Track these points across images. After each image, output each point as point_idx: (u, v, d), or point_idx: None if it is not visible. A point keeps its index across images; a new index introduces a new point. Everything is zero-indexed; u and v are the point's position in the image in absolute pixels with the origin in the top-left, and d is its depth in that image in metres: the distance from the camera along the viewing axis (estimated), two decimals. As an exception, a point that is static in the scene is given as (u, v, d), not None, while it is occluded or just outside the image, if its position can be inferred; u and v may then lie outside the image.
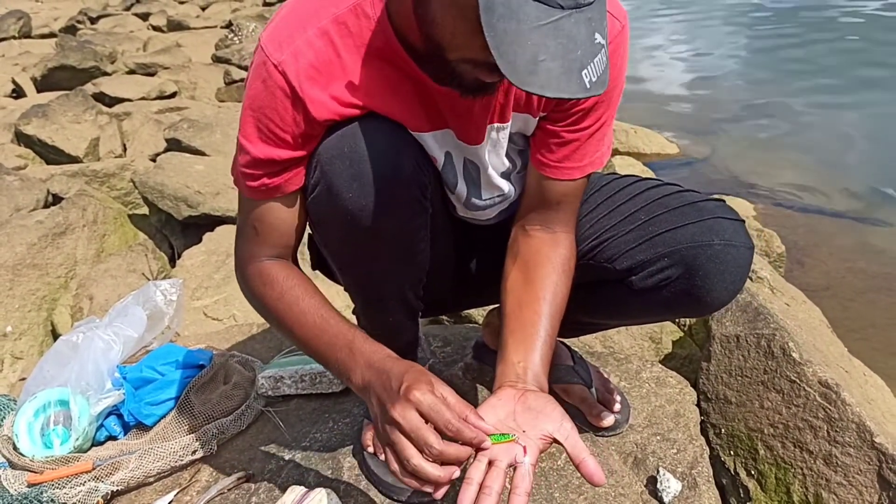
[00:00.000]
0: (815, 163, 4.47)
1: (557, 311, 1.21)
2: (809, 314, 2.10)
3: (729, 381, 1.76)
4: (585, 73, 0.84)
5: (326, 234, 1.19)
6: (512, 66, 0.83)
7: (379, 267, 1.21)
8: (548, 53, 0.83)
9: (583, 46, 0.84)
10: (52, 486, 1.45)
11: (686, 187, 1.28)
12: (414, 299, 1.31)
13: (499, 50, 0.83)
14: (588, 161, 1.21)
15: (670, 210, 1.22)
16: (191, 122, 4.08)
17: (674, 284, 1.20)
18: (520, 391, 1.06)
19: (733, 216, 1.20)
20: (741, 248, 1.18)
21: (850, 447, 1.56)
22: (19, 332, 2.62)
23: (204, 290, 2.66)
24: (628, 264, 1.25)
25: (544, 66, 0.83)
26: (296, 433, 1.54)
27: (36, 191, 3.28)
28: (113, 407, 1.64)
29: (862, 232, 3.52)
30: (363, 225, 1.09)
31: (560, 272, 1.23)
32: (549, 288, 1.21)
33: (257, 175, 1.12)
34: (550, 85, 0.83)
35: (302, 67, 1.03)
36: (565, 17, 0.83)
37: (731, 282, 1.18)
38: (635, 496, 1.37)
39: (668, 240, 1.20)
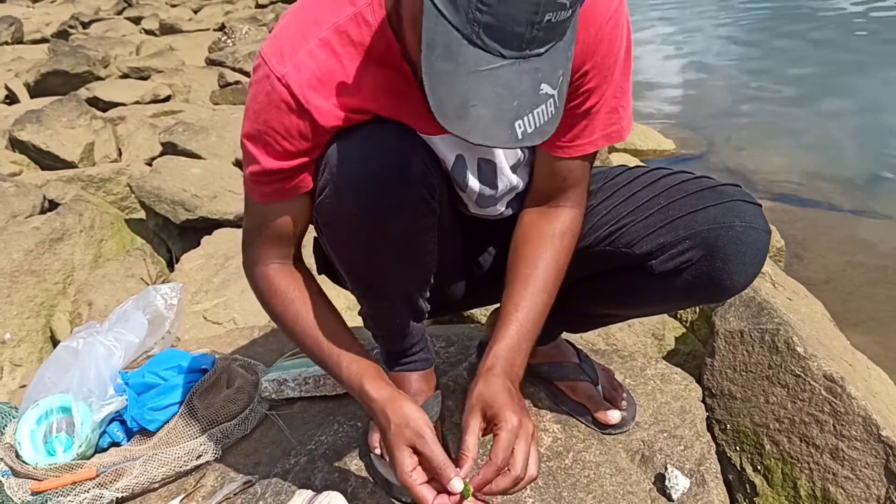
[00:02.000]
0: (810, 157, 4.48)
1: (544, 284, 1.21)
2: (811, 308, 2.10)
3: (733, 377, 1.76)
4: (519, 123, 0.84)
5: (334, 235, 1.19)
6: (441, 106, 0.84)
7: (386, 269, 1.21)
8: (480, 99, 0.83)
9: (522, 97, 0.84)
10: (57, 493, 1.44)
11: (700, 174, 1.28)
12: (421, 301, 1.31)
13: (431, 89, 0.84)
14: (599, 135, 1.20)
15: (690, 194, 1.22)
16: (186, 125, 4.07)
17: (694, 267, 1.20)
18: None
19: (752, 200, 1.21)
20: (760, 232, 1.18)
21: (857, 441, 1.55)
22: (18, 339, 2.60)
23: (203, 293, 2.65)
24: (648, 248, 1.24)
25: (474, 112, 0.83)
26: (301, 436, 1.53)
27: (32, 197, 3.26)
28: (116, 413, 1.63)
29: (860, 225, 3.53)
30: (371, 226, 1.10)
31: (553, 244, 1.23)
32: (536, 263, 1.21)
33: (266, 182, 1.14)
34: (476, 131, 0.84)
35: (305, 79, 1.03)
36: (506, 65, 0.82)
37: (751, 265, 1.18)
38: (643, 494, 1.36)
39: (690, 222, 1.20)
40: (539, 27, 0.80)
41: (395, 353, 1.42)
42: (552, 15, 0.80)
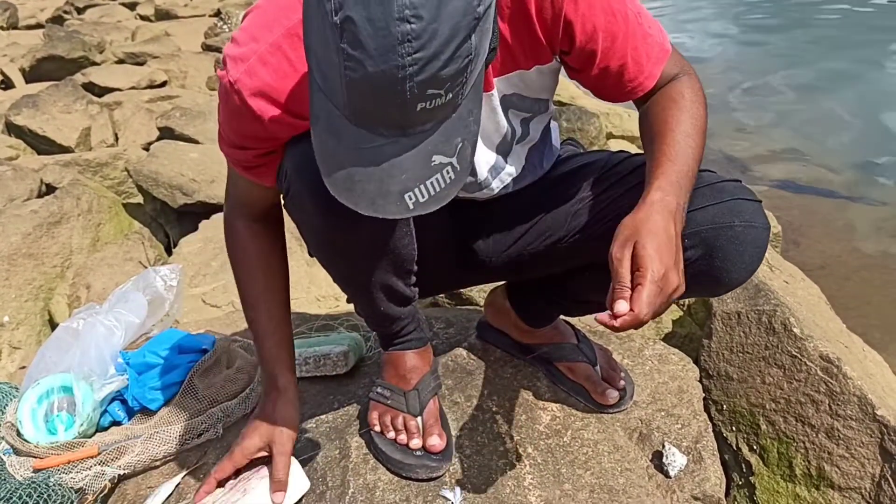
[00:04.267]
0: (807, 143, 4.49)
1: (686, 133, 1.10)
2: (808, 291, 2.11)
3: (730, 358, 1.77)
4: (410, 195, 0.85)
5: (307, 235, 1.23)
6: (329, 177, 0.86)
7: (362, 264, 1.23)
8: (364, 175, 0.84)
9: (409, 171, 0.83)
10: (59, 471, 1.44)
11: (702, 167, 1.27)
12: (404, 287, 1.31)
13: (319, 160, 0.87)
14: (649, 65, 1.15)
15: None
16: (183, 110, 4.06)
17: (693, 265, 1.19)
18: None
19: (752, 197, 1.19)
20: (760, 230, 1.17)
21: (852, 420, 1.57)
22: (16, 322, 2.61)
23: (202, 277, 2.66)
24: None
25: (360, 186, 0.84)
26: (301, 415, 1.54)
27: (29, 181, 3.26)
28: (117, 392, 1.64)
29: (856, 211, 3.55)
30: (339, 228, 1.12)
31: (681, 101, 1.15)
32: (668, 118, 1.13)
33: (235, 160, 1.19)
34: (363, 204, 0.85)
35: (256, 86, 1.03)
36: (388, 143, 0.82)
37: (750, 262, 1.18)
38: (641, 471, 1.38)
39: (689, 221, 1.18)
40: (415, 115, 0.79)
41: (388, 336, 1.42)
42: (426, 103, 0.78)
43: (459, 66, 0.78)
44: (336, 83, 0.79)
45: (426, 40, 0.74)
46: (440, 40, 0.74)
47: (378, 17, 0.73)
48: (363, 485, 1.31)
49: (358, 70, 0.76)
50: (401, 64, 0.74)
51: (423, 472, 1.31)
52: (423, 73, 0.75)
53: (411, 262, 1.28)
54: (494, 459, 1.37)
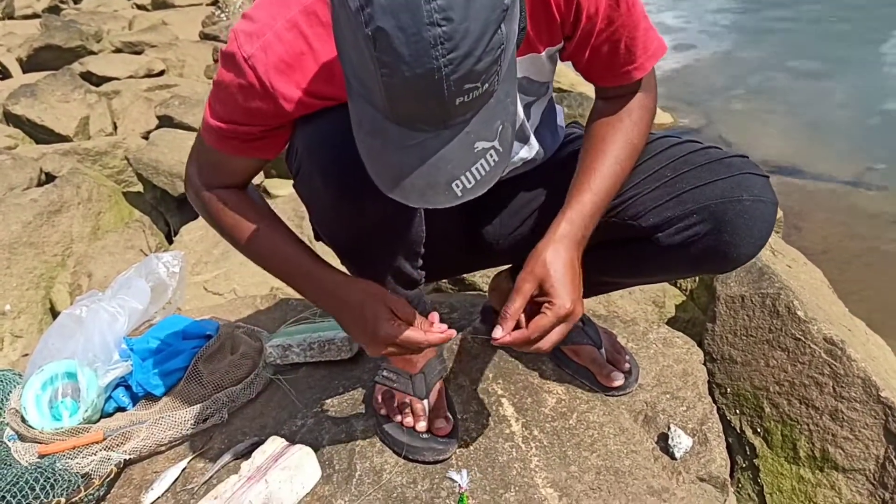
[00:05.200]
0: (808, 129, 4.48)
1: (616, 157, 1.19)
2: (811, 275, 2.11)
3: (734, 342, 1.78)
4: (457, 183, 0.86)
5: (316, 215, 1.22)
6: (378, 177, 0.88)
7: (370, 246, 1.22)
8: (411, 169, 0.85)
9: (454, 161, 0.85)
10: (64, 456, 1.44)
11: (707, 143, 1.28)
12: (411, 270, 1.31)
13: (367, 161, 0.88)
14: (655, 47, 1.19)
15: (697, 167, 1.22)
16: (182, 98, 4.05)
17: (701, 241, 1.20)
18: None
19: (759, 172, 1.20)
20: (768, 204, 1.18)
21: (856, 402, 1.57)
22: (18, 311, 2.61)
23: (203, 265, 2.66)
24: (655, 221, 1.24)
25: (408, 182, 0.86)
26: (306, 400, 1.54)
27: (28, 169, 3.25)
28: (121, 378, 1.64)
29: (857, 196, 3.55)
30: (349, 209, 1.11)
31: (623, 121, 1.22)
32: (606, 137, 1.21)
33: (223, 137, 1.13)
34: (413, 197, 0.87)
35: (272, 62, 1.02)
36: (431, 137, 0.83)
37: (759, 237, 1.18)
38: (647, 453, 1.38)
39: (697, 196, 1.19)
40: (454, 109, 0.80)
41: None
42: (464, 97, 0.79)
43: (493, 58, 0.78)
44: (374, 89, 0.80)
45: (458, 40, 0.74)
46: (472, 38, 0.75)
47: (408, 24, 0.73)
48: (370, 468, 1.31)
49: (395, 76, 0.76)
50: (436, 66, 0.75)
51: (429, 454, 1.32)
52: (458, 72, 0.76)
53: (419, 245, 1.28)
54: (500, 442, 1.37)
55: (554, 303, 1.08)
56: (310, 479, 1.29)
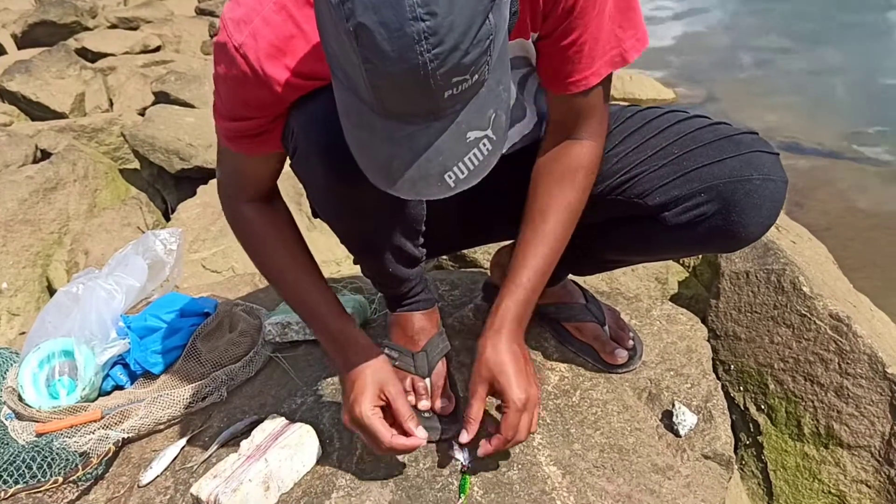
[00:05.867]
0: (810, 105, 4.45)
1: (554, 232, 1.20)
2: (815, 251, 2.09)
3: (738, 318, 1.76)
4: (449, 175, 0.84)
5: (314, 195, 1.20)
6: (369, 169, 0.87)
7: (369, 225, 1.20)
8: (402, 162, 0.83)
9: (446, 152, 0.82)
10: (62, 434, 1.43)
11: (715, 119, 1.24)
12: (412, 248, 1.29)
13: (355, 153, 0.87)
14: (600, 63, 1.12)
15: (706, 144, 1.18)
16: (178, 74, 4.01)
17: (709, 220, 1.17)
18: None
19: (770, 149, 1.17)
20: (778, 183, 1.14)
21: (862, 378, 1.56)
22: (15, 289, 2.59)
23: (201, 242, 2.63)
24: (662, 200, 1.21)
25: (399, 174, 0.84)
26: (306, 378, 1.53)
27: (24, 146, 3.22)
28: (118, 356, 1.62)
29: (860, 172, 3.52)
30: (346, 188, 1.09)
31: (565, 185, 1.20)
32: (546, 210, 1.20)
33: (233, 136, 1.12)
34: (405, 189, 0.85)
35: (262, 48, 0.99)
36: (421, 129, 0.81)
37: (767, 216, 1.16)
38: (651, 430, 1.36)
39: (705, 175, 1.16)
40: (443, 101, 0.78)
41: (395, 297, 1.40)
42: (453, 90, 0.77)
43: (482, 49, 0.76)
44: (360, 83, 0.77)
45: (444, 35, 0.71)
46: (458, 31, 0.72)
47: (391, 20, 0.71)
48: (371, 446, 1.30)
49: (379, 71, 0.74)
50: (421, 62, 0.72)
51: (432, 433, 1.30)
52: (445, 66, 0.73)
53: (420, 223, 1.25)
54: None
55: (508, 399, 1.13)
56: (310, 458, 1.27)
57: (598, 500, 1.21)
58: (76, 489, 1.36)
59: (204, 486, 1.17)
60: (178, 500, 1.28)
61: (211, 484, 1.17)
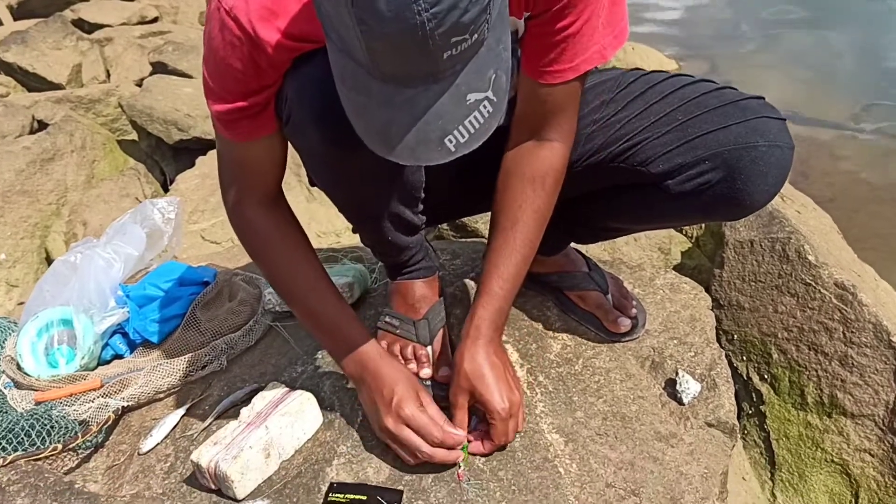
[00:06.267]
0: (814, 76, 4.41)
1: (524, 238, 1.20)
2: (820, 221, 2.07)
3: (742, 287, 1.75)
4: (450, 139, 0.82)
5: (310, 164, 1.18)
6: (366, 134, 0.84)
7: (367, 193, 1.19)
8: (401, 127, 0.81)
9: (446, 115, 0.80)
10: (62, 402, 1.42)
11: (721, 84, 1.22)
12: (412, 216, 1.27)
13: (351, 118, 0.84)
14: (582, 59, 1.09)
15: (711, 110, 1.15)
16: (176, 44, 3.96)
17: (714, 188, 1.15)
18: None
19: (776, 115, 1.14)
20: (785, 149, 1.12)
21: (867, 347, 1.55)
22: (13, 260, 2.58)
23: (200, 213, 2.62)
24: (665, 168, 1.19)
25: (398, 138, 0.82)
26: (307, 347, 1.51)
27: (20, 117, 3.19)
28: (117, 325, 1.61)
29: (864, 143, 3.49)
30: (343, 153, 1.06)
31: (534, 190, 1.18)
32: (516, 216, 1.19)
33: (233, 119, 1.08)
34: (404, 155, 0.83)
35: (253, 10, 0.96)
36: (420, 92, 0.79)
37: (773, 184, 1.14)
38: (654, 398, 1.35)
39: (710, 142, 1.14)
40: (441, 63, 0.76)
41: (396, 265, 1.39)
42: (452, 50, 0.75)
43: (481, 7, 0.73)
44: (355, 45, 0.75)
45: None
46: None
47: None
48: (372, 414, 1.29)
49: (375, 32, 0.72)
50: (419, 21, 0.70)
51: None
52: (443, 26, 0.71)
53: (419, 190, 1.24)
54: (505, 388, 1.34)
55: (491, 409, 1.14)
56: (311, 425, 1.26)
57: (601, 468, 1.20)
58: (76, 457, 1.35)
59: (204, 453, 1.17)
60: (178, 468, 1.28)
61: (211, 451, 1.17)
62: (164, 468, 1.29)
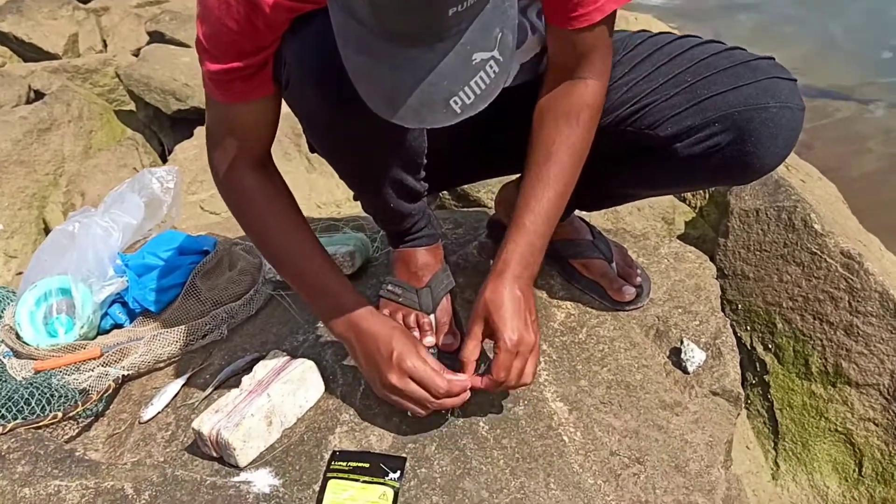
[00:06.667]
0: (817, 46, 4.36)
1: (560, 173, 1.14)
2: (825, 190, 2.06)
3: (747, 257, 1.73)
4: (455, 100, 0.80)
5: (310, 128, 1.16)
6: (368, 97, 0.82)
7: (368, 158, 1.16)
8: (404, 88, 0.79)
9: (451, 76, 0.78)
10: (61, 372, 1.41)
11: (730, 44, 1.19)
12: (414, 182, 1.24)
13: (355, 80, 0.82)
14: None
15: (720, 71, 1.13)
16: (173, 13, 3.91)
17: (723, 151, 1.13)
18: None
19: (787, 75, 1.12)
20: (795, 111, 1.10)
21: (872, 316, 1.54)
22: (11, 231, 2.56)
23: (199, 184, 2.59)
24: (673, 130, 1.16)
25: (401, 100, 0.79)
26: (308, 316, 1.50)
27: (17, 87, 3.15)
28: (116, 295, 1.59)
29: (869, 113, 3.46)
30: (343, 119, 1.04)
31: (570, 126, 1.14)
32: (552, 149, 1.14)
33: (226, 80, 1.05)
34: (409, 118, 0.81)
35: None
36: (424, 52, 0.76)
37: (783, 146, 1.12)
38: (658, 367, 1.35)
39: (719, 103, 1.11)
40: (447, 20, 0.73)
41: (398, 233, 1.37)
42: (457, 7, 0.72)
43: None
44: (357, 2, 0.74)
45: None
46: None
47: None
48: (374, 382, 1.28)
49: None
50: None
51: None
52: None
53: (421, 156, 1.21)
54: (509, 356, 1.33)
55: (501, 339, 1.08)
56: (313, 393, 1.25)
57: (606, 436, 1.19)
58: (76, 425, 1.34)
59: (206, 420, 1.16)
60: (179, 436, 1.27)
61: (213, 419, 1.16)
62: (166, 436, 1.29)
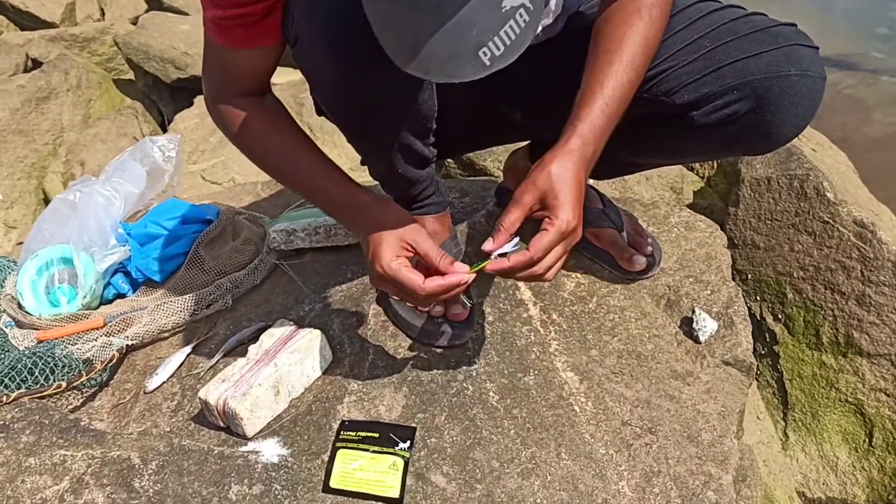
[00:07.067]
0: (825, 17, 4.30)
1: (631, 61, 1.04)
2: (836, 160, 2.03)
3: (757, 226, 1.71)
4: (484, 51, 0.76)
5: (318, 89, 1.12)
6: (392, 49, 0.78)
7: (377, 120, 1.12)
8: (430, 38, 0.74)
9: (480, 24, 0.74)
10: (64, 341, 1.39)
11: (751, 10, 1.15)
12: (422, 147, 1.21)
13: (379, 32, 0.78)
14: None
15: (740, 36, 1.09)
16: (171, -19, 3.84)
17: (741, 120, 1.09)
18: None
19: (809, 43, 1.08)
20: (817, 79, 1.06)
21: (885, 286, 1.52)
22: (10, 201, 2.53)
23: (200, 153, 2.56)
24: (691, 98, 1.12)
25: (427, 52, 0.75)
26: (314, 285, 1.48)
27: (14, 55, 3.10)
28: (119, 264, 1.57)
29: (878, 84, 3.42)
30: (353, 79, 1.01)
31: (640, 18, 1.05)
32: (622, 38, 1.05)
33: (227, 26, 1.03)
34: (434, 69, 0.77)
35: None
36: None
37: (803, 116, 1.08)
38: (669, 337, 1.33)
39: (739, 70, 1.07)
40: None
41: (405, 200, 1.34)
42: None
43: None
44: None
45: None
46: None
47: None
48: (383, 351, 1.26)
49: None
50: None
51: (444, 339, 1.26)
52: None
53: (431, 120, 1.18)
54: (518, 326, 1.32)
55: (556, 217, 0.96)
56: (321, 362, 1.24)
57: (617, 406, 1.18)
58: (81, 395, 1.33)
59: (212, 390, 1.14)
60: (185, 406, 1.26)
61: (219, 388, 1.14)
62: (171, 406, 1.27)
